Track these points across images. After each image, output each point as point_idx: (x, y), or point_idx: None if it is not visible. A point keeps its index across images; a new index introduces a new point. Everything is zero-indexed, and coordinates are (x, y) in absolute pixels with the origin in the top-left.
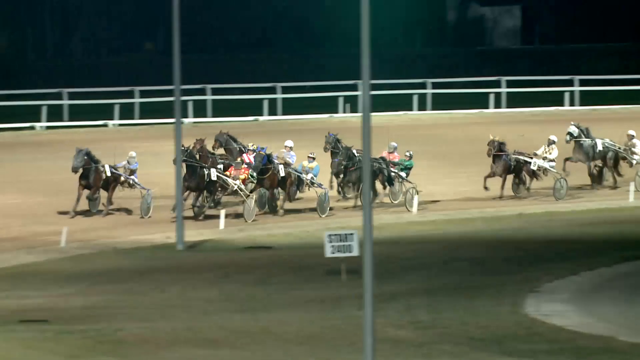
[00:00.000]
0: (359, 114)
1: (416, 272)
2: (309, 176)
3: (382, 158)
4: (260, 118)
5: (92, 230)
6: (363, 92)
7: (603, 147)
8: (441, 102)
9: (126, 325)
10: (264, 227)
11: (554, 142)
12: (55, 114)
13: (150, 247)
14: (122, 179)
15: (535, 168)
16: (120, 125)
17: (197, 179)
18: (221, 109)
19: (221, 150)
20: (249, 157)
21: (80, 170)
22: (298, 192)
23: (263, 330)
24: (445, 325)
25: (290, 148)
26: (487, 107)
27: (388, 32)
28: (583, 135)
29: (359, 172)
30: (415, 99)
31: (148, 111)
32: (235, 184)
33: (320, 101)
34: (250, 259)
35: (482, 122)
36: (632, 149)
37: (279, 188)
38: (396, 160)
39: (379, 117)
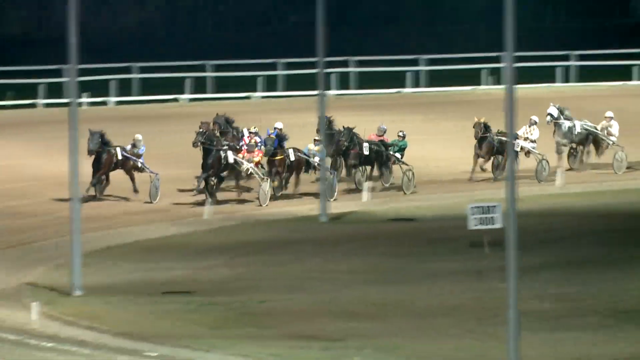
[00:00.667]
0: (502, 86)
1: (556, 244)
2: (316, 159)
3: (382, 141)
4: (403, 90)
5: (234, 202)
6: (506, 64)
7: (581, 129)
8: (584, 75)
9: (269, 296)
10: (409, 200)
11: (535, 123)
12: (199, 86)
13: (293, 219)
14: (131, 162)
15: (517, 149)
16: (264, 97)
17: (214, 161)
18: (365, 81)
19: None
20: (245, 141)
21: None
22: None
23: (405, 302)
24: (589, 297)
25: (280, 129)
26: (630, 80)
27: (530, 3)
28: (562, 117)
29: (359, 155)
30: (558, 71)
31: (292, 83)
32: (250, 167)
33: (463, 73)
34: (393, 231)
35: (626, 94)
36: (609, 129)
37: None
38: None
39: (522, 90)
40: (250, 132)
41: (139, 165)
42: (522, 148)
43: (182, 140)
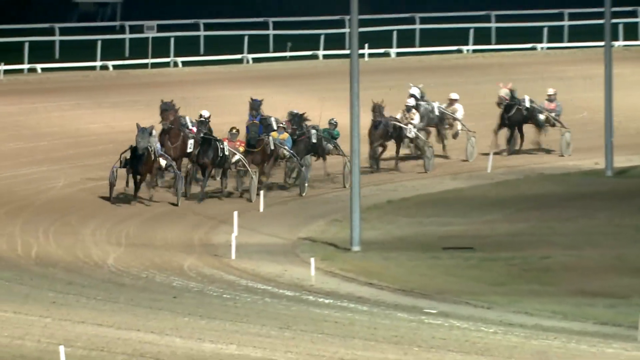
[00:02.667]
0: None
1: None
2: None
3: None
4: None
5: (517, 157)
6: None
7: (439, 112)
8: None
9: (552, 252)
10: None
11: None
12: (482, 36)
13: (577, 173)
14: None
15: (411, 135)
16: (549, 48)
17: (213, 153)
18: None
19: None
20: (192, 131)
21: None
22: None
23: None
24: None
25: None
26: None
27: None
28: (422, 99)
29: (305, 143)
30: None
31: (576, 34)
32: (240, 157)
33: None
34: None
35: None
36: (454, 114)
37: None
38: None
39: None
40: (201, 119)
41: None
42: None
43: (466, 93)
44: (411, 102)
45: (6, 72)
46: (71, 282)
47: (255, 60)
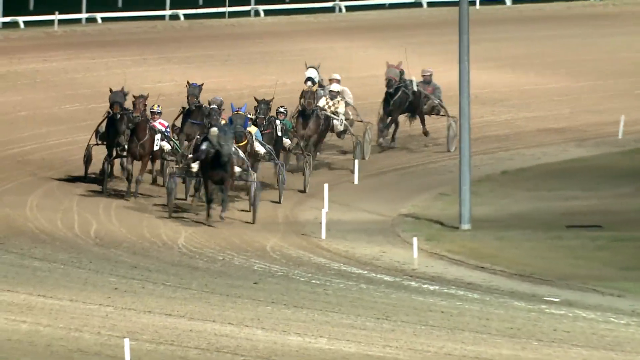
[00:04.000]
0: None
1: None
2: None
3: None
4: None
5: None
6: None
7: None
8: None
9: None
10: None
11: (338, 95)
12: None
13: None
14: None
15: (341, 128)
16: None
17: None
18: None
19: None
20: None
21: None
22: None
23: None
24: None
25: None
26: None
27: None
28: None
29: (269, 137)
30: None
31: None
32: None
33: None
34: None
35: None
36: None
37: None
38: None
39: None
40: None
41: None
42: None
43: (592, 46)
44: (336, 87)
45: (61, 22)
46: (136, 265)
47: (348, 8)
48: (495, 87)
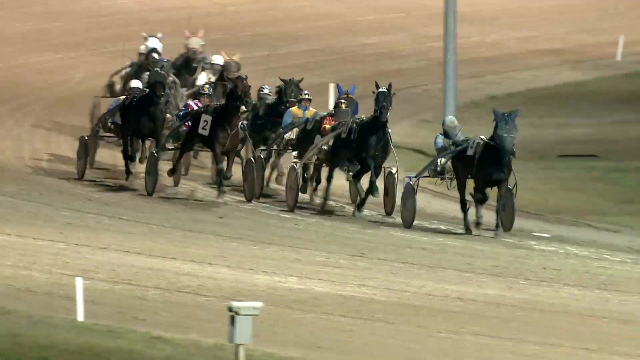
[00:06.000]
0: None
1: None
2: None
3: None
4: None
5: None
6: None
7: None
8: None
9: None
10: None
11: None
12: None
13: None
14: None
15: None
16: None
17: None
18: None
19: None
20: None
21: None
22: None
23: None
24: None
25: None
26: None
27: None
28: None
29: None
30: None
31: None
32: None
33: None
34: None
35: None
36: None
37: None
38: None
39: None
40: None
41: None
42: None
43: None
44: (202, 79)
45: None
46: (91, 198)
47: None
48: (484, 5)
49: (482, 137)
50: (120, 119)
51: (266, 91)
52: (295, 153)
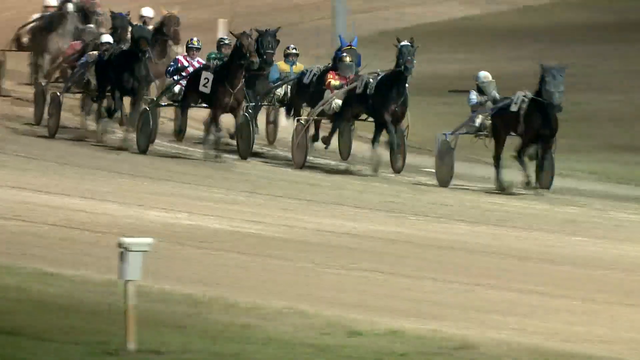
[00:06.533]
0: None
1: None
2: None
3: None
4: None
5: None
6: None
7: None
8: None
9: (593, 97)
10: None
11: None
12: None
13: None
14: None
15: None
16: None
17: None
18: None
19: None
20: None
21: None
22: None
23: None
24: None
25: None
26: None
27: None
28: None
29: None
30: None
31: None
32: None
33: None
34: None
35: None
36: None
37: None
38: None
39: None
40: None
41: None
42: None
43: None
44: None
45: None
46: None
47: None
48: None
49: (527, 92)
50: (96, 75)
51: (227, 42)
52: (283, 109)
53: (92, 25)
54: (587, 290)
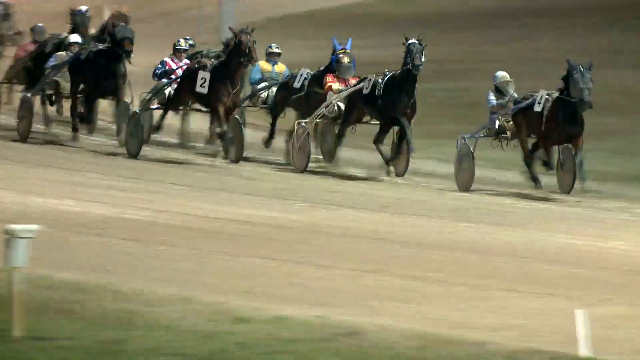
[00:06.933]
0: None
1: None
2: None
3: None
4: None
5: None
6: None
7: None
8: None
9: (484, 84)
10: None
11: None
12: None
13: None
14: None
15: None
16: None
17: None
18: None
19: None
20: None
21: None
22: None
23: None
24: None
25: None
26: None
27: None
28: None
29: None
30: None
31: None
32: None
33: None
34: None
35: None
36: None
37: None
38: None
39: None
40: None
41: None
42: None
43: None
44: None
45: None
46: None
47: None
48: None
49: (549, 92)
50: (71, 75)
51: (191, 42)
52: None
53: (41, 24)
54: (476, 277)
